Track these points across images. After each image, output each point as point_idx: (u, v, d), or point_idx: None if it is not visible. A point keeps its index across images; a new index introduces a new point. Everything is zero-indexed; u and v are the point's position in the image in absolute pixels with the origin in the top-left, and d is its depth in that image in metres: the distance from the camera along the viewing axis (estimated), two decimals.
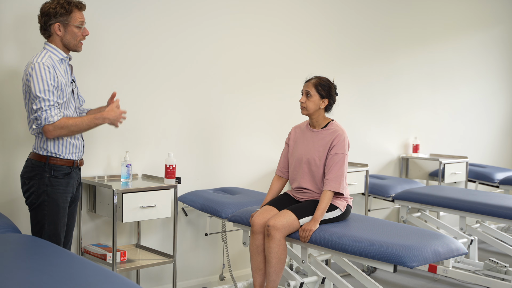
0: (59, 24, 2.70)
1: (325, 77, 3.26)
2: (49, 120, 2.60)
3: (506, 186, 5.26)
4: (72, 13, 2.71)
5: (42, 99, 2.58)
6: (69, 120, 2.65)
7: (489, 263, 4.12)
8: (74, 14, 2.72)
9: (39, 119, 2.60)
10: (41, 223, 2.71)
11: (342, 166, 3.15)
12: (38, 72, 2.59)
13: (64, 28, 2.71)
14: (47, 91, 2.59)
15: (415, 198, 4.38)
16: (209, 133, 3.95)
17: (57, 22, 2.70)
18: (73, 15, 2.72)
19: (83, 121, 2.70)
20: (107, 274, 1.94)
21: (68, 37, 2.73)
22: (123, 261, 3.25)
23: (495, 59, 6.29)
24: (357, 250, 2.81)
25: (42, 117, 2.59)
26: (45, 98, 2.59)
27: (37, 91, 2.58)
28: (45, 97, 2.58)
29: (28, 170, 2.73)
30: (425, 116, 5.52)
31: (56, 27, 2.70)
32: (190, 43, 3.80)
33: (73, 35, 2.74)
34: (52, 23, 2.70)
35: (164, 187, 3.30)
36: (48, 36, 2.74)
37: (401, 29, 5.21)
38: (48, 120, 2.60)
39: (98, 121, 2.74)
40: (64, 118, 2.65)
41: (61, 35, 2.72)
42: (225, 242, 3.81)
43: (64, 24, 2.71)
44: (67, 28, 2.72)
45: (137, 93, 3.59)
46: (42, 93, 2.58)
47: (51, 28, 2.71)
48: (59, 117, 2.63)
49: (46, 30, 2.72)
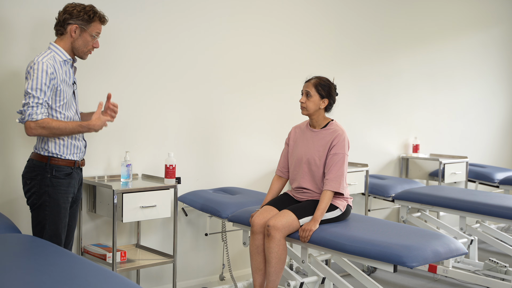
0: (77, 27, 2.72)
1: (325, 77, 3.27)
2: (33, 117, 2.59)
3: (506, 186, 5.26)
4: (93, 22, 2.74)
5: (32, 95, 2.58)
6: (52, 122, 2.63)
7: (489, 263, 4.12)
8: (95, 24, 2.76)
9: (23, 114, 2.60)
10: (42, 223, 2.71)
11: (342, 166, 3.15)
12: (36, 71, 2.59)
13: (79, 32, 2.73)
14: (38, 90, 2.59)
15: (415, 198, 4.38)
16: (209, 133, 3.95)
17: (75, 24, 2.71)
18: (94, 24, 2.75)
19: (67, 126, 2.67)
20: (107, 274, 1.94)
21: (80, 42, 2.74)
22: (123, 261, 3.25)
23: (495, 59, 6.29)
24: (357, 250, 2.81)
25: (27, 112, 2.59)
26: (35, 95, 2.59)
27: (29, 87, 2.59)
28: (35, 95, 2.59)
29: (30, 170, 2.73)
30: (425, 116, 5.52)
31: (73, 28, 2.71)
32: (191, 44, 3.80)
33: (85, 42, 2.76)
34: (71, 23, 2.71)
35: (164, 187, 3.30)
36: (61, 34, 2.74)
37: (401, 29, 5.21)
38: (31, 116, 2.59)
39: (83, 129, 2.71)
40: (48, 119, 2.63)
41: (74, 37, 2.73)
42: (225, 242, 3.81)
43: (81, 29, 2.73)
44: (82, 34, 2.74)
45: (138, 93, 3.59)
46: (33, 90, 2.58)
47: (68, 28, 2.72)
48: (44, 116, 2.62)
49: (62, 27, 2.73)
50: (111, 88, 3.42)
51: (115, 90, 3.44)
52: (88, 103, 3.18)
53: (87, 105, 3.17)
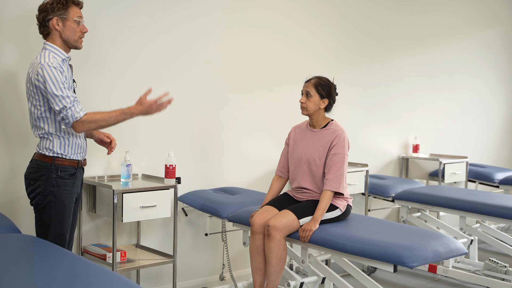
0: (57, 19, 2.70)
1: (325, 77, 3.26)
2: (76, 117, 2.60)
3: (506, 186, 5.26)
4: (69, 8, 2.71)
5: (62, 97, 2.58)
6: (96, 115, 2.65)
7: (489, 263, 4.12)
8: (72, 9, 2.72)
9: (66, 119, 2.59)
10: (47, 223, 2.70)
11: (342, 166, 3.15)
12: (50, 73, 2.58)
13: (62, 23, 2.71)
14: (64, 89, 2.59)
15: (415, 198, 4.37)
16: (209, 133, 3.95)
17: (55, 17, 2.69)
18: (71, 10, 2.72)
19: (111, 116, 2.67)
20: (107, 274, 1.94)
21: (67, 33, 2.72)
22: (123, 261, 3.25)
23: (495, 59, 6.29)
24: (357, 250, 2.81)
25: (69, 115, 2.59)
26: (64, 95, 2.58)
27: (54, 90, 2.57)
28: (64, 95, 2.58)
29: (34, 170, 2.72)
30: (425, 116, 5.52)
31: (55, 22, 2.70)
32: (190, 43, 3.80)
33: (72, 30, 2.73)
34: (50, 18, 2.69)
35: (164, 187, 3.30)
36: (47, 33, 2.73)
37: (401, 29, 5.21)
38: (75, 117, 2.59)
39: (126, 116, 2.70)
40: (90, 113, 2.65)
41: (59, 29, 2.71)
42: (225, 242, 3.81)
43: (62, 19, 2.70)
44: (65, 23, 2.71)
45: (137, 93, 3.54)
46: (60, 91, 2.57)
47: (50, 24, 2.70)
48: (84, 111, 2.63)
49: (45, 26, 2.72)
50: (110, 87, 3.43)
51: (113, 89, 3.46)
52: (86, 102, 3.16)
53: (85, 103, 3.15)
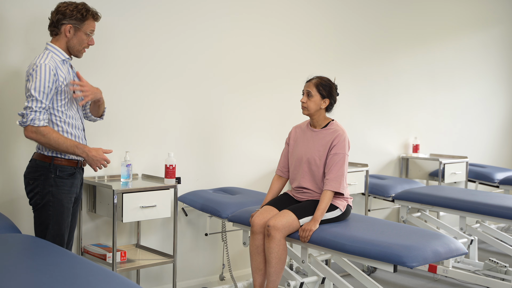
0: (71, 26, 2.70)
1: (326, 77, 3.26)
2: (35, 123, 2.57)
3: (506, 186, 5.26)
4: (86, 20, 2.72)
5: (35, 99, 2.57)
6: (53, 133, 2.61)
7: (489, 263, 4.12)
8: (88, 22, 2.74)
9: (25, 117, 2.58)
10: (46, 223, 2.70)
11: (342, 166, 3.15)
12: (39, 73, 2.58)
13: (74, 32, 2.72)
14: (42, 93, 2.58)
15: (415, 198, 4.37)
16: (209, 133, 3.95)
17: (69, 24, 2.70)
18: (87, 22, 2.73)
19: (65, 143, 2.63)
20: (107, 274, 1.94)
21: (75, 41, 2.73)
22: (123, 261, 3.25)
23: (495, 59, 6.29)
24: (357, 250, 2.81)
25: (30, 117, 2.57)
26: (39, 99, 2.57)
27: (32, 89, 2.56)
28: (38, 98, 2.57)
29: (32, 170, 2.72)
30: (425, 116, 5.52)
31: (67, 28, 2.70)
32: (191, 44, 3.80)
33: (80, 41, 2.74)
34: (65, 24, 2.70)
35: (164, 187, 3.30)
36: (55, 34, 2.73)
37: (401, 29, 5.21)
38: (34, 122, 2.57)
39: (78, 151, 2.67)
40: (50, 128, 2.62)
41: (69, 37, 2.72)
42: (225, 242, 3.81)
43: (75, 28, 2.71)
44: (77, 33, 2.72)
45: (137, 93, 3.59)
46: (37, 93, 2.57)
47: (62, 28, 2.71)
48: (46, 123, 2.61)
49: (56, 28, 2.72)
50: (111, 88, 3.42)
51: (114, 90, 3.46)
52: None
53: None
